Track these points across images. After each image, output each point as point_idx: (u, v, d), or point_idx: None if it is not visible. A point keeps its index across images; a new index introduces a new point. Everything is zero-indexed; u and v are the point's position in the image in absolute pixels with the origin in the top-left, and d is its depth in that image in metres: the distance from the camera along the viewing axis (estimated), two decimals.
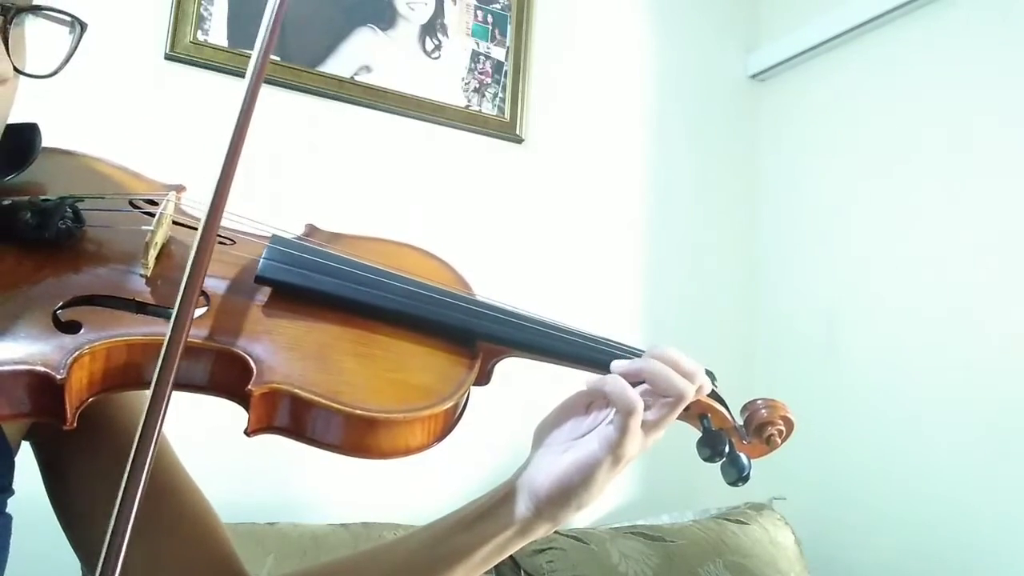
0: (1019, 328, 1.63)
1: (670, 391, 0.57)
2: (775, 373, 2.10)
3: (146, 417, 0.42)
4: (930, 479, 1.74)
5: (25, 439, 0.64)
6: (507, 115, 1.91)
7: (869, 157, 1.98)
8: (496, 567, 1.48)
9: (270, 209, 0.67)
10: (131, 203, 0.61)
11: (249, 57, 0.53)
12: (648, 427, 0.58)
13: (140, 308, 0.53)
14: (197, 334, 0.52)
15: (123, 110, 1.53)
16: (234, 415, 0.53)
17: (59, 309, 0.51)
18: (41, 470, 0.66)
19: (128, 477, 0.41)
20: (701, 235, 2.19)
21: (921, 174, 1.86)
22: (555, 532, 1.54)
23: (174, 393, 0.53)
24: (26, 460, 0.65)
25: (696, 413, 0.66)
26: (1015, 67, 1.71)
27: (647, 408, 0.58)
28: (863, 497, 1.87)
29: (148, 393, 0.44)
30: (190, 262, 0.47)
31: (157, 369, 0.43)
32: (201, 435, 1.12)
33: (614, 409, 0.57)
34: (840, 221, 2.03)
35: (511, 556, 1.50)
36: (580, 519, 1.83)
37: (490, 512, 0.61)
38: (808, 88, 2.18)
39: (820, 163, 2.11)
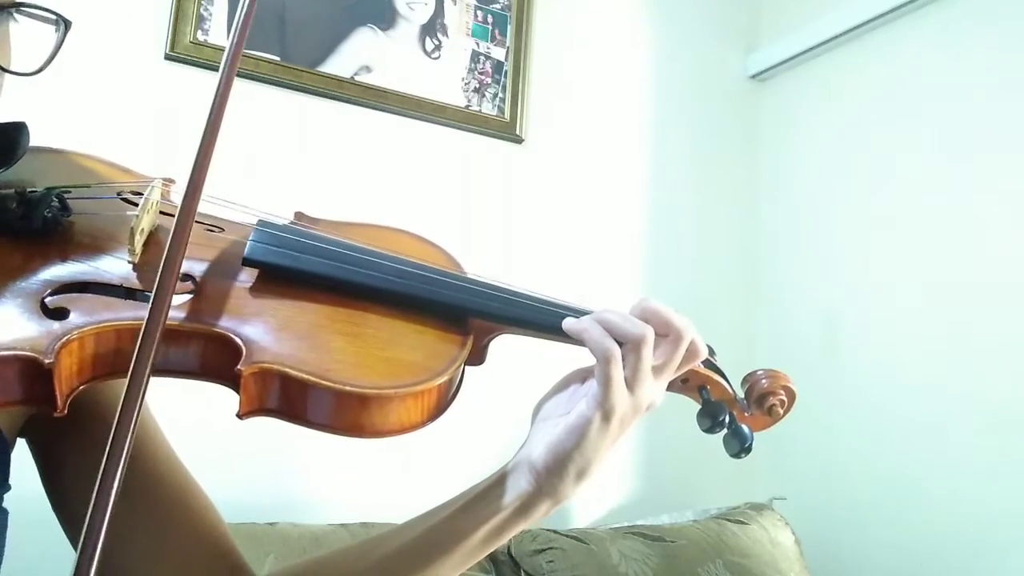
0: (1020, 326, 1.63)
1: (626, 337, 0.56)
2: None
3: (124, 399, 0.42)
4: (930, 479, 1.74)
5: (21, 436, 0.64)
6: (507, 115, 1.92)
7: (869, 157, 1.98)
8: (497, 567, 1.49)
9: (269, 209, 0.67)
10: (118, 194, 0.62)
11: (248, 58, 0.53)
12: (630, 383, 0.57)
13: (129, 294, 0.53)
14: (185, 318, 0.52)
15: (123, 110, 1.54)
16: (234, 413, 0.53)
17: (47, 296, 0.51)
18: (38, 467, 0.67)
19: (106, 464, 0.40)
20: (701, 235, 2.19)
21: (921, 174, 1.86)
22: (555, 532, 1.54)
23: (172, 388, 0.53)
24: (23, 457, 0.65)
25: (695, 385, 0.66)
26: (1015, 67, 1.71)
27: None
28: (863, 497, 1.86)
29: (128, 377, 0.43)
30: (169, 241, 0.47)
31: (136, 350, 0.43)
32: (201, 435, 1.12)
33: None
34: (840, 220, 2.03)
35: (511, 556, 1.51)
36: (580, 518, 1.83)
37: (489, 491, 0.60)
38: (808, 88, 2.18)
39: (820, 163, 2.11)
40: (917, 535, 1.74)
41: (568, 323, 0.59)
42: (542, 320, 0.60)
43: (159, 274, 0.45)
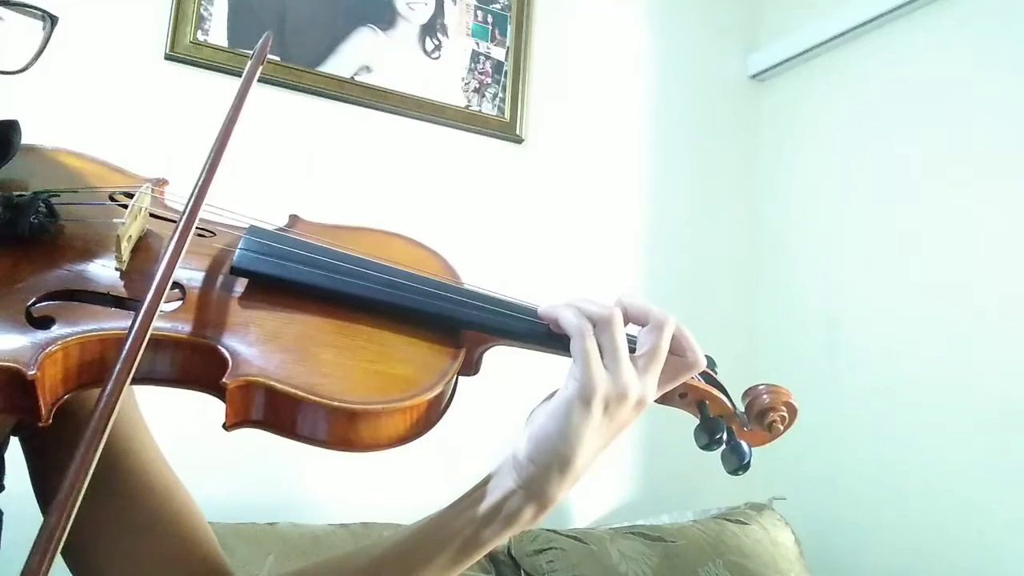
0: (1019, 326, 1.63)
1: (593, 316, 0.56)
2: (776, 373, 2.10)
3: (98, 405, 0.42)
4: (930, 478, 1.74)
5: (13, 434, 0.63)
6: (507, 115, 1.91)
7: (869, 157, 1.98)
8: (496, 567, 1.49)
9: (269, 209, 0.66)
10: (110, 197, 0.60)
11: (248, 58, 0.53)
12: (607, 363, 0.55)
13: (117, 302, 0.52)
14: (172, 327, 0.51)
15: (123, 110, 1.54)
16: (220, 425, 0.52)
17: (32, 305, 0.50)
18: (27, 466, 0.66)
19: (78, 465, 0.40)
20: (701, 235, 2.18)
21: (921, 174, 1.86)
22: (555, 532, 1.54)
23: (166, 390, 0.52)
24: (19, 457, 0.65)
25: (694, 399, 0.64)
26: (1015, 67, 1.70)
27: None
28: (863, 496, 1.86)
29: (106, 384, 0.43)
30: (163, 255, 0.46)
31: (120, 359, 0.43)
32: (200, 435, 1.12)
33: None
34: (840, 221, 2.03)
35: (511, 556, 1.51)
36: (580, 518, 1.83)
37: (473, 492, 0.59)
38: (808, 88, 2.18)
39: (820, 163, 2.11)
40: (917, 535, 1.74)
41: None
42: (535, 332, 0.59)
43: (151, 287, 0.45)
